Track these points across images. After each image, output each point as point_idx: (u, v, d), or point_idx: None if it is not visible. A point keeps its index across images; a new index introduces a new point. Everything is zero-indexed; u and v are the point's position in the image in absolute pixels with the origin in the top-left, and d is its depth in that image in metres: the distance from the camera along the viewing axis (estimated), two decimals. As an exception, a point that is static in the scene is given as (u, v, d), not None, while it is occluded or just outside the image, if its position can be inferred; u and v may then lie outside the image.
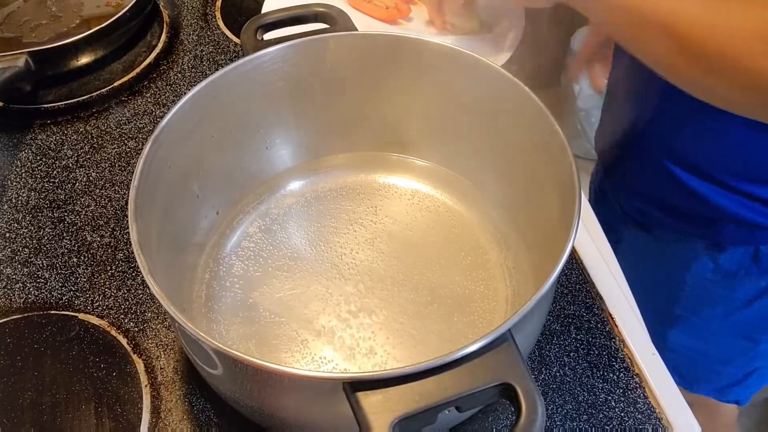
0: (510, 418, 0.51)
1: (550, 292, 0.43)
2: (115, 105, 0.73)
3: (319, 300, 0.54)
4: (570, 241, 0.41)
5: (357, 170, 0.62)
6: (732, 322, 0.77)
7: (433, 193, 0.61)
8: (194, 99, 0.51)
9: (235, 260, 0.57)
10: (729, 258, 0.71)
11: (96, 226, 0.63)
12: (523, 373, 0.35)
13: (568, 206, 0.44)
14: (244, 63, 0.53)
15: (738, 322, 0.77)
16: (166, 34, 0.81)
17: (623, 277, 0.61)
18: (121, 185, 0.66)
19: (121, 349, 0.54)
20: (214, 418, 0.51)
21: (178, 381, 0.53)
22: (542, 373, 0.54)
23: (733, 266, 0.72)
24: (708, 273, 0.72)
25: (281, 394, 0.42)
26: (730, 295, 0.74)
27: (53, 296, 0.58)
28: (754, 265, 0.71)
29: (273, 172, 0.61)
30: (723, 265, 0.72)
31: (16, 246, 0.62)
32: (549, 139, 0.48)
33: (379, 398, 0.34)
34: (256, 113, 0.57)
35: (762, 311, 0.76)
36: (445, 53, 0.54)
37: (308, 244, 0.58)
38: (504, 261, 0.56)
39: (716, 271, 0.72)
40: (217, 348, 0.37)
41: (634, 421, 0.51)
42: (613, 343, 0.55)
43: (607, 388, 0.53)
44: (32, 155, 0.69)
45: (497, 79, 0.52)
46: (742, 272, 0.72)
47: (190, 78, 0.76)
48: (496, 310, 0.53)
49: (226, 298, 0.54)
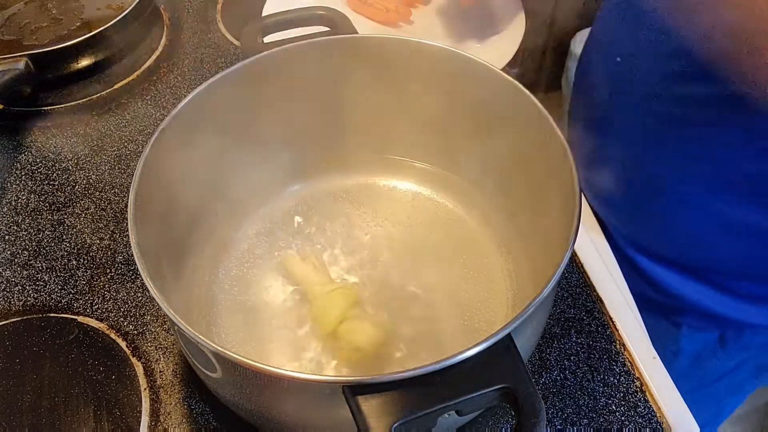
0: (510, 422, 0.51)
1: (550, 296, 0.43)
2: (115, 108, 0.73)
3: (319, 303, 0.54)
4: (570, 245, 0.41)
5: (357, 173, 0.62)
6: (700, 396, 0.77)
7: (434, 196, 0.61)
8: (194, 102, 0.51)
9: (234, 263, 0.57)
10: (691, 341, 0.71)
11: (95, 229, 0.63)
12: (524, 377, 0.35)
13: (568, 209, 0.44)
14: (244, 66, 0.53)
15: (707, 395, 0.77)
16: (167, 36, 0.81)
17: (623, 281, 0.61)
18: (121, 188, 0.66)
19: (121, 352, 0.54)
20: (213, 421, 0.51)
21: (177, 384, 0.53)
22: (542, 377, 0.53)
23: (696, 347, 0.71)
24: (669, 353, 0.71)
25: (281, 397, 0.42)
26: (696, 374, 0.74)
27: (52, 299, 0.58)
28: (720, 349, 0.70)
29: (273, 174, 0.61)
30: (685, 348, 0.71)
31: (16, 248, 0.61)
32: (549, 142, 0.48)
33: (378, 402, 0.34)
34: (256, 116, 0.57)
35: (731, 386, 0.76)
36: (445, 56, 0.54)
37: (307, 247, 0.58)
38: (504, 264, 0.56)
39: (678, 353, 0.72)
40: (217, 351, 0.37)
41: (635, 425, 0.51)
42: (613, 347, 0.55)
43: (608, 391, 0.53)
44: (32, 158, 0.69)
45: (498, 82, 0.52)
46: (707, 354, 0.71)
47: (191, 80, 0.76)
48: (497, 313, 0.53)
49: (226, 301, 0.54)
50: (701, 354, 0.71)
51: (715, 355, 0.71)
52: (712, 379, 0.75)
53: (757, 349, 0.70)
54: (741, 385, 0.78)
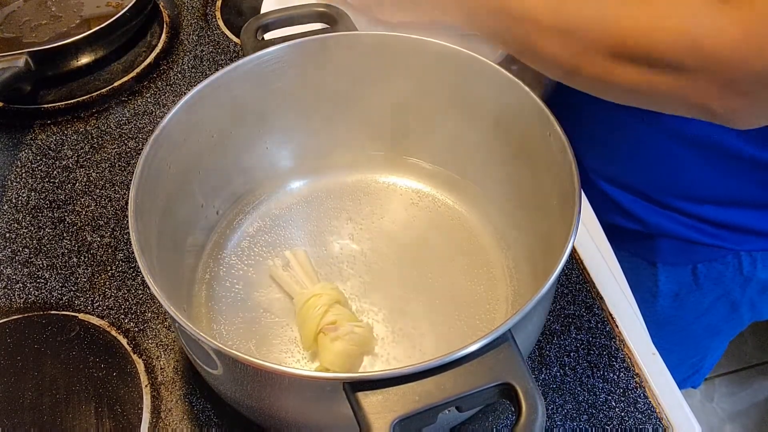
0: (510, 418, 0.51)
1: (550, 292, 0.43)
2: (115, 105, 0.73)
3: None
4: (570, 241, 0.41)
5: (357, 170, 0.62)
6: (681, 338, 0.78)
7: (434, 193, 0.61)
8: (194, 99, 0.51)
9: (235, 260, 0.57)
10: (668, 278, 0.72)
11: (96, 227, 0.63)
12: (524, 373, 0.35)
13: (568, 206, 0.44)
14: (244, 63, 0.53)
15: (687, 337, 0.78)
16: (166, 34, 0.81)
17: (623, 277, 0.61)
18: (121, 185, 0.66)
19: (122, 349, 0.54)
20: (215, 418, 0.51)
21: (178, 381, 0.53)
22: (542, 373, 0.54)
23: (673, 287, 0.72)
24: (649, 295, 0.73)
25: (281, 394, 0.42)
26: (677, 314, 0.75)
27: (53, 296, 0.58)
28: (694, 284, 0.71)
29: (273, 172, 0.61)
30: (663, 287, 0.72)
31: (17, 246, 0.62)
32: (549, 138, 0.48)
33: (379, 398, 0.34)
34: (256, 113, 0.57)
35: (709, 327, 0.77)
36: (445, 53, 0.54)
37: (308, 244, 0.58)
38: (504, 261, 0.56)
39: (658, 293, 0.73)
40: (218, 348, 0.37)
41: (635, 421, 0.51)
42: (613, 343, 0.55)
43: (607, 388, 0.53)
44: (32, 155, 0.69)
45: (498, 79, 0.52)
46: (684, 291, 0.72)
47: (190, 78, 0.76)
48: (497, 310, 0.53)
49: (227, 298, 0.54)
50: (678, 292, 0.73)
51: (691, 293, 0.72)
52: (689, 319, 0.76)
53: (729, 283, 0.71)
54: (718, 327, 0.79)
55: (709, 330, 0.79)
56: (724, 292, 0.72)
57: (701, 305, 0.74)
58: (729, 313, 0.75)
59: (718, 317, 0.76)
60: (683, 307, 0.75)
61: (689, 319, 0.76)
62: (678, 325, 0.77)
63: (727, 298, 0.73)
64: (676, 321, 0.76)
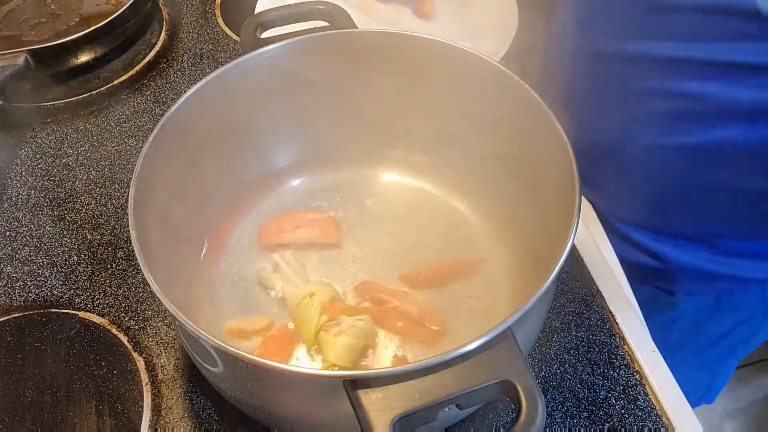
0: (510, 415, 0.51)
1: (550, 290, 0.43)
2: (114, 103, 0.73)
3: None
4: (570, 239, 0.41)
5: (357, 168, 0.62)
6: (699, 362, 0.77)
7: (434, 190, 0.61)
8: (194, 97, 0.51)
9: (235, 258, 0.57)
10: (688, 306, 0.71)
11: (96, 225, 0.63)
12: (524, 371, 0.35)
13: (568, 204, 0.44)
14: (243, 61, 0.53)
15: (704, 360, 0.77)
16: (166, 32, 0.81)
17: (623, 275, 0.61)
18: (121, 183, 0.66)
19: (122, 347, 0.54)
20: (215, 415, 0.51)
21: (178, 379, 0.53)
22: (542, 371, 0.54)
23: (693, 314, 0.71)
24: (667, 321, 0.72)
25: (282, 392, 0.42)
26: (694, 339, 0.74)
27: (54, 294, 0.58)
28: (715, 310, 0.70)
29: (273, 169, 0.61)
30: (682, 314, 0.71)
31: (17, 244, 0.62)
32: (549, 136, 0.48)
33: (379, 396, 0.34)
34: (255, 111, 0.57)
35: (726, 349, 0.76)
36: (444, 51, 0.54)
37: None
38: (504, 258, 0.56)
39: (676, 318, 0.72)
40: (218, 345, 0.37)
41: (634, 418, 0.51)
42: (613, 341, 0.55)
43: (608, 385, 0.53)
44: (32, 153, 0.69)
45: (497, 77, 0.52)
46: (704, 317, 0.71)
47: (190, 76, 0.76)
48: (497, 307, 0.53)
49: (227, 295, 0.54)
50: (698, 318, 0.72)
51: (712, 318, 0.71)
52: (706, 344, 0.75)
53: (751, 308, 0.70)
54: (735, 349, 0.78)
55: (726, 352, 0.78)
56: (745, 317, 0.71)
57: (720, 330, 0.73)
58: (748, 338, 0.74)
59: (737, 340, 0.75)
60: (702, 332, 0.73)
61: (706, 344, 0.75)
62: (695, 349, 0.75)
63: (748, 323, 0.72)
64: (694, 345, 0.75)
